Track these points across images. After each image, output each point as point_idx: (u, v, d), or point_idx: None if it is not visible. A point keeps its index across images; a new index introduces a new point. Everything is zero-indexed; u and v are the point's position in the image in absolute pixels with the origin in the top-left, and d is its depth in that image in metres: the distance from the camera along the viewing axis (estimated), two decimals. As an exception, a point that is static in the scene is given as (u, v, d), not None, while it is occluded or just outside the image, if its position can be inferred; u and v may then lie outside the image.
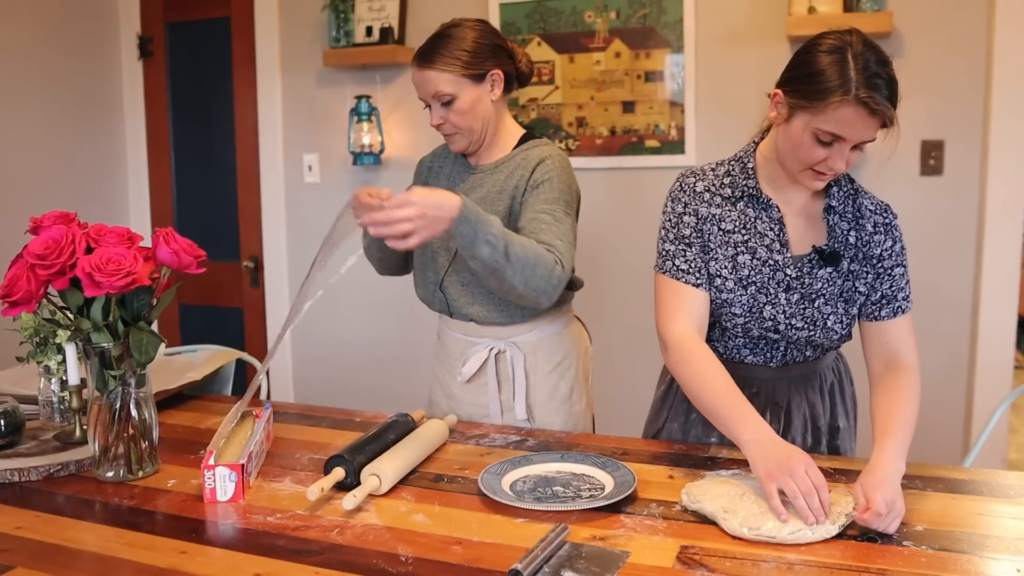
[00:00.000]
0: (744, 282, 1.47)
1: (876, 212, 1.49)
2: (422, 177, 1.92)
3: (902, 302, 1.48)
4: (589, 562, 1.11)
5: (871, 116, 1.32)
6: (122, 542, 1.21)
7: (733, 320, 1.49)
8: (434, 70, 1.70)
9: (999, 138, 2.51)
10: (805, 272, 1.46)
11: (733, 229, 1.47)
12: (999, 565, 1.09)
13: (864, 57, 1.33)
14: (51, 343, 1.64)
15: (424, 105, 1.76)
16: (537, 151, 1.76)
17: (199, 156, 3.65)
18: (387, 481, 1.36)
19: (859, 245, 1.47)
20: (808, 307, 1.47)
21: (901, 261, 1.48)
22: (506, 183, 1.75)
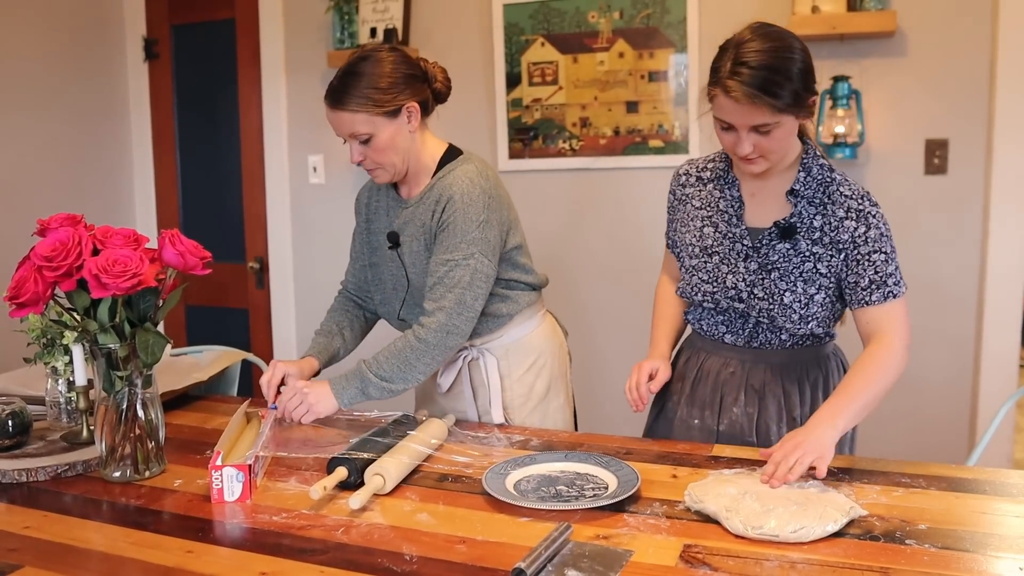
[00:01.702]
0: (708, 251, 1.63)
1: (851, 198, 1.52)
2: (363, 216, 1.89)
3: (893, 287, 1.51)
4: (592, 561, 1.12)
5: (740, 103, 1.43)
6: (129, 541, 1.22)
7: (702, 287, 1.63)
8: (347, 111, 1.64)
9: (1003, 137, 2.51)
10: (764, 243, 1.57)
11: (701, 206, 1.67)
12: (1002, 563, 1.09)
13: (740, 48, 1.45)
14: (58, 344, 1.65)
15: (343, 141, 1.71)
16: (448, 181, 1.71)
17: (204, 158, 3.67)
18: (391, 480, 1.36)
19: (825, 229, 1.52)
20: (765, 278, 1.56)
21: (880, 248, 1.51)
22: (424, 218, 1.74)
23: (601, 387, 2.91)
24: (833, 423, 1.38)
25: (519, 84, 3.02)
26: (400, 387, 1.68)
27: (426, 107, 1.73)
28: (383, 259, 1.84)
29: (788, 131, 1.48)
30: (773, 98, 1.41)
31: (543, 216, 2.98)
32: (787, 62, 1.43)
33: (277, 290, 3.54)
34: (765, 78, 1.41)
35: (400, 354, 1.67)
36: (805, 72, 1.45)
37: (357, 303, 1.96)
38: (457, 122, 3.16)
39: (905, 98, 2.61)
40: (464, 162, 1.75)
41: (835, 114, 2.60)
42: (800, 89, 1.44)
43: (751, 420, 1.62)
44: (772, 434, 1.60)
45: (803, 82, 1.44)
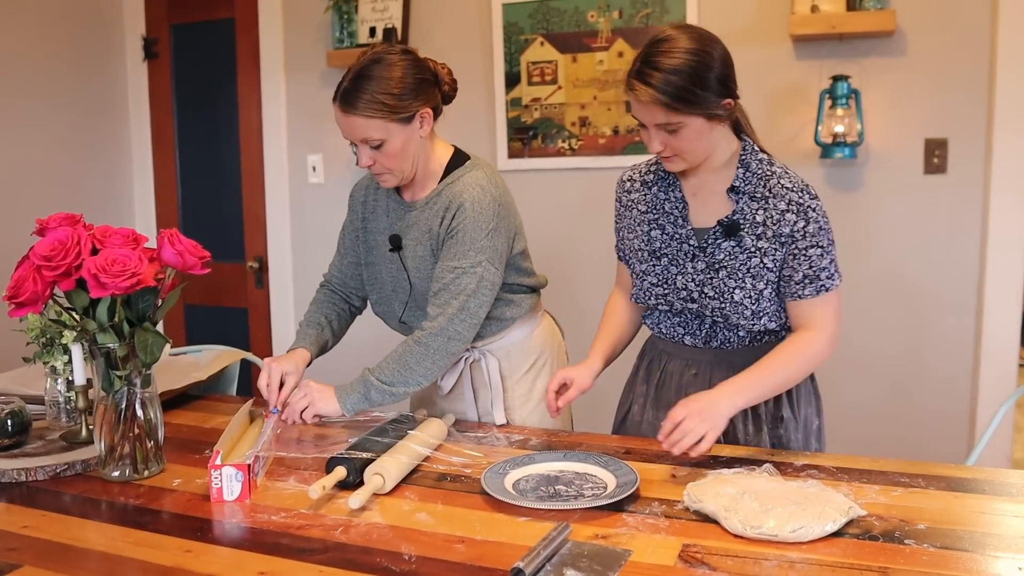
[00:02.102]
0: (657, 253, 1.64)
1: (792, 190, 1.52)
2: (358, 214, 1.86)
3: (826, 280, 1.53)
4: (591, 560, 1.12)
5: (641, 102, 1.46)
6: (128, 541, 1.22)
7: (654, 290, 1.65)
8: (360, 116, 1.61)
9: (1003, 136, 2.51)
10: (709, 243, 1.58)
11: (647, 209, 1.67)
12: (1001, 563, 1.10)
13: (652, 47, 1.47)
14: (57, 344, 1.65)
15: (349, 143, 1.68)
16: (458, 188, 1.70)
17: (204, 157, 3.67)
18: (391, 480, 1.36)
19: (768, 223, 1.53)
20: (714, 277, 1.57)
21: (817, 242, 1.51)
22: (432, 222, 1.72)
23: (598, 387, 2.91)
24: (734, 400, 1.45)
25: (518, 83, 3.02)
26: (401, 391, 1.68)
27: (437, 112, 1.71)
28: (381, 259, 1.83)
29: (697, 131, 1.49)
30: (672, 99, 1.43)
31: (542, 216, 2.98)
32: (693, 65, 1.44)
33: (276, 289, 3.54)
34: (667, 80, 1.43)
35: (401, 358, 1.67)
36: (715, 76, 1.45)
37: (342, 296, 1.96)
38: (456, 122, 3.16)
39: (904, 97, 2.61)
40: (473, 168, 1.74)
41: (834, 113, 2.60)
42: (706, 92, 1.45)
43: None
44: (739, 433, 1.61)
45: (711, 86, 1.45)
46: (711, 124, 1.50)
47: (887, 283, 2.69)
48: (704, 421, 1.40)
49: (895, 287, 2.68)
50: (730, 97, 1.50)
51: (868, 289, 2.71)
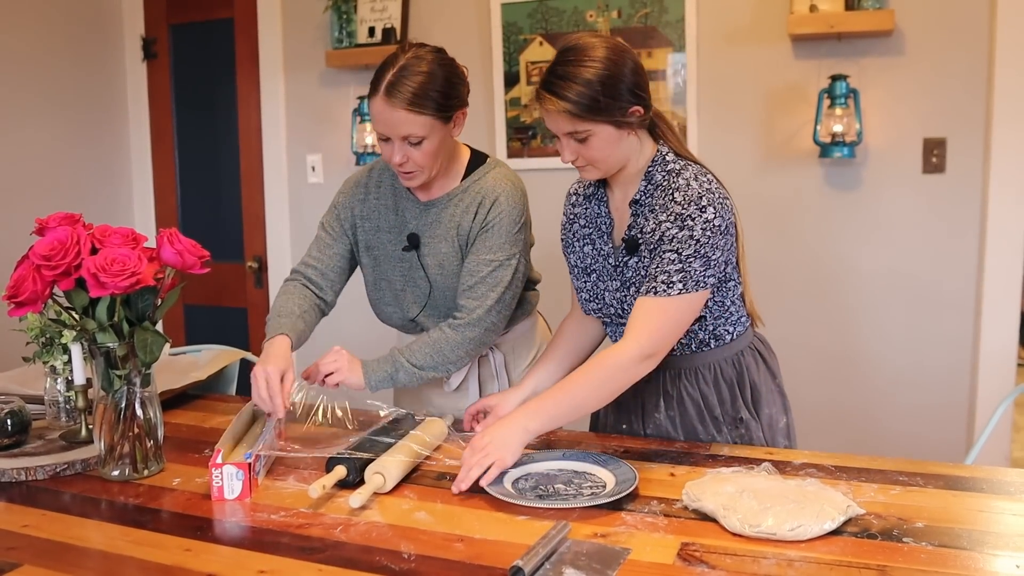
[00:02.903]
0: (588, 270, 1.63)
1: (680, 203, 1.46)
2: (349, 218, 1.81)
3: (659, 284, 1.44)
4: (590, 559, 1.12)
5: (548, 112, 1.46)
6: (128, 540, 1.22)
7: (588, 305, 1.64)
8: (407, 111, 1.57)
9: (1001, 135, 2.51)
10: (621, 261, 1.57)
11: (584, 224, 1.66)
12: (999, 561, 1.10)
13: (559, 55, 1.46)
14: (57, 343, 1.65)
15: (382, 138, 1.63)
16: (489, 183, 1.72)
17: (203, 157, 3.67)
18: (391, 480, 1.36)
19: (650, 232, 1.51)
20: (627, 295, 1.56)
21: (678, 248, 1.44)
22: (460, 219, 1.73)
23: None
24: (527, 426, 1.40)
25: (517, 83, 3.02)
26: (430, 375, 1.69)
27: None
28: (388, 259, 1.81)
29: (605, 140, 1.46)
30: (576, 107, 1.41)
31: (541, 215, 2.97)
32: (599, 74, 1.41)
33: (275, 289, 3.53)
34: (571, 88, 1.41)
35: (435, 344, 1.68)
36: (624, 84, 1.43)
37: (314, 292, 1.86)
38: (455, 121, 3.16)
39: (903, 97, 2.62)
40: (497, 165, 1.78)
41: (833, 113, 2.60)
42: (612, 100, 1.42)
43: (675, 423, 1.62)
44: (700, 434, 1.60)
45: (618, 94, 1.42)
46: (620, 132, 1.46)
47: (886, 282, 2.69)
48: (488, 456, 1.36)
49: (894, 286, 2.68)
50: (639, 105, 1.46)
51: (867, 288, 2.71)
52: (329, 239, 1.85)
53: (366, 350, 3.26)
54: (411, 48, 1.64)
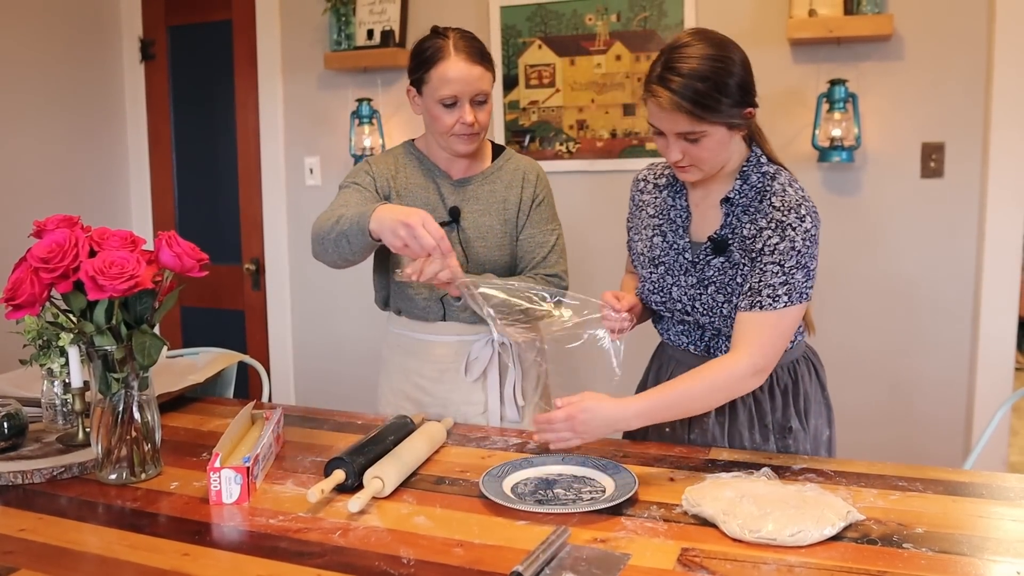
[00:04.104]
0: (656, 261, 1.62)
1: (779, 209, 1.46)
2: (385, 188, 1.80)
3: (764, 299, 1.44)
4: (590, 564, 1.12)
5: (664, 109, 1.42)
6: (125, 544, 1.22)
7: (652, 297, 1.63)
8: (484, 68, 1.72)
9: (999, 140, 2.51)
10: (701, 259, 1.55)
11: (654, 213, 1.65)
12: (999, 567, 1.10)
13: (673, 52, 1.43)
14: (54, 346, 1.65)
15: (447, 103, 1.71)
16: (524, 163, 1.87)
17: (201, 159, 3.66)
18: (390, 484, 1.36)
19: (749, 238, 1.50)
20: (703, 293, 1.55)
21: (780, 260, 1.44)
22: (505, 194, 1.83)
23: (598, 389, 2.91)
24: (631, 423, 1.43)
25: (516, 86, 3.02)
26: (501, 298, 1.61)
27: None
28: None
29: (718, 141, 1.45)
30: (697, 107, 1.39)
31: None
32: (718, 72, 1.40)
33: (273, 292, 3.53)
34: (691, 86, 1.39)
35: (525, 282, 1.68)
36: (738, 83, 1.42)
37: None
38: (454, 124, 3.16)
39: (902, 101, 2.62)
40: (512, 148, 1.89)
41: (832, 117, 2.60)
42: (730, 100, 1.41)
43: (723, 429, 1.60)
44: (745, 441, 1.59)
45: (734, 93, 1.41)
46: (731, 134, 1.46)
47: (884, 287, 2.69)
48: (577, 434, 1.40)
49: (892, 291, 2.69)
50: (751, 105, 1.46)
51: (865, 293, 2.71)
52: (368, 194, 1.78)
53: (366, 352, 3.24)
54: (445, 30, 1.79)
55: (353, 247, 1.59)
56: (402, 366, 1.91)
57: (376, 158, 1.87)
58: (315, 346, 3.50)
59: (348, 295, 3.41)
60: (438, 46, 1.73)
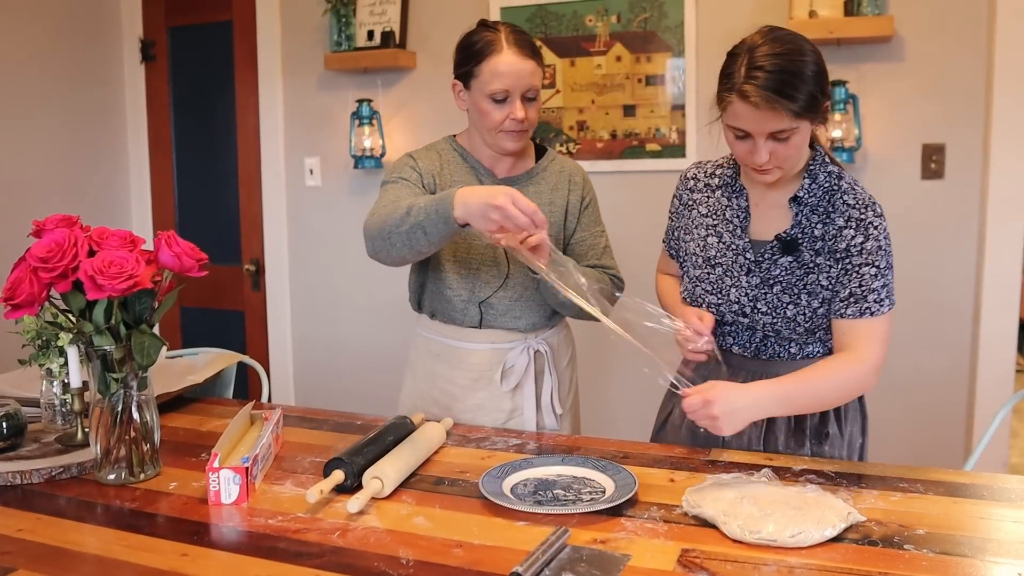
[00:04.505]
0: (712, 262, 1.60)
1: (854, 207, 1.48)
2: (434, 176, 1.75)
3: (872, 304, 1.46)
4: (590, 565, 1.11)
5: (759, 108, 1.37)
6: (123, 544, 1.21)
7: (706, 298, 1.60)
8: (536, 63, 1.69)
9: (1000, 142, 2.51)
10: (766, 258, 1.53)
11: (707, 213, 1.63)
12: (1000, 569, 1.09)
13: (754, 52, 1.40)
14: (53, 346, 1.64)
15: (498, 98, 1.67)
16: (569, 165, 1.86)
17: (201, 160, 3.66)
18: (389, 484, 1.36)
19: (826, 239, 1.49)
20: (768, 292, 1.53)
21: (873, 261, 1.46)
22: (551, 196, 1.80)
23: (599, 390, 2.91)
24: (768, 410, 1.42)
25: (516, 87, 3.02)
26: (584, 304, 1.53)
27: None
28: (467, 236, 1.72)
29: (804, 137, 1.43)
30: (791, 102, 1.36)
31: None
32: (806, 64, 1.38)
33: (273, 292, 3.53)
34: (783, 81, 1.36)
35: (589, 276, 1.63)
36: (819, 75, 1.40)
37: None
38: (454, 123, 3.15)
39: (902, 103, 2.62)
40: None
41: (832, 118, 2.60)
42: (816, 92, 1.39)
43: (760, 431, 1.59)
44: (780, 444, 1.58)
45: (818, 85, 1.40)
46: (811, 128, 1.44)
47: (884, 288, 2.69)
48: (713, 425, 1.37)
49: (892, 292, 2.68)
50: (829, 98, 1.44)
51: (865, 294, 2.71)
52: (416, 189, 1.72)
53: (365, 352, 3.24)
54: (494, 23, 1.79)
55: (431, 238, 1.51)
56: (431, 371, 1.85)
57: (419, 152, 1.81)
58: (314, 347, 3.50)
59: (348, 296, 3.41)
60: (489, 39, 1.68)
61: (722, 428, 1.37)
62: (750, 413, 1.39)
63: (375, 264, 1.79)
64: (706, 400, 1.37)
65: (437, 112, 3.16)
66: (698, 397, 1.38)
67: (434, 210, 1.48)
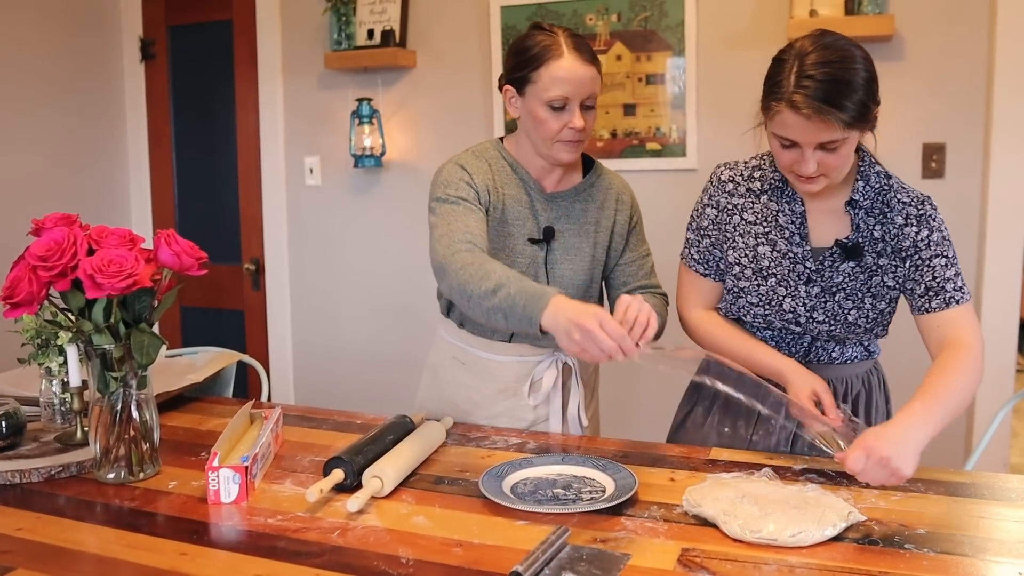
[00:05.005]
0: (763, 273, 1.51)
1: (909, 204, 1.46)
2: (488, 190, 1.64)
3: (953, 292, 1.44)
4: (590, 564, 1.11)
5: (810, 119, 1.32)
6: (123, 543, 1.21)
7: (751, 310, 1.53)
8: (596, 69, 1.58)
9: (1001, 141, 2.51)
10: (826, 265, 1.48)
11: (755, 220, 1.53)
12: (1001, 568, 1.09)
13: (804, 59, 1.34)
14: (52, 345, 1.64)
15: (556, 106, 1.57)
16: (618, 183, 1.77)
17: (200, 158, 3.66)
18: (389, 483, 1.35)
19: (887, 239, 1.46)
20: (829, 300, 1.48)
21: (942, 252, 1.44)
22: (598, 215, 1.71)
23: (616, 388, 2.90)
24: (928, 433, 1.25)
25: (517, 86, 3.02)
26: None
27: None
28: (509, 251, 1.67)
29: (852, 146, 1.38)
30: (842, 111, 1.31)
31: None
32: (857, 73, 1.33)
33: (273, 292, 3.53)
34: (834, 91, 1.31)
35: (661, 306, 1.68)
36: (870, 82, 1.35)
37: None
38: (454, 123, 3.16)
39: (903, 102, 2.61)
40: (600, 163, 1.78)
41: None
42: (867, 100, 1.34)
43: (789, 434, 1.58)
44: (806, 446, 1.54)
45: (869, 93, 1.34)
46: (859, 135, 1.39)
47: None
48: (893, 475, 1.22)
49: (893, 291, 2.68)
50: (879, 103, 1.38)
51: (866, 293, 2.70)
52: (475, 207, 1.62)
53: (365, 352, 3.23)
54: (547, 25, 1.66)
55: (509, 324, 1.44)
56: (454, 377, 1.80)
57: (468, 161, 1.67)
58: (314, 346, 3.50)
59: (348, 295, 3.41)
60: (547, 43, 1.58)
61: (905, 473, 1.23)
62: (919, 445, 1.24)
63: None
64: (881, 458, 1.21)
65: (437, 111, 3.16)
66: (861, 456, 1.22)
67: (521, 306, 1.39)
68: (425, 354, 1.94)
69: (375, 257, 3.31)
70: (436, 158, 3.18)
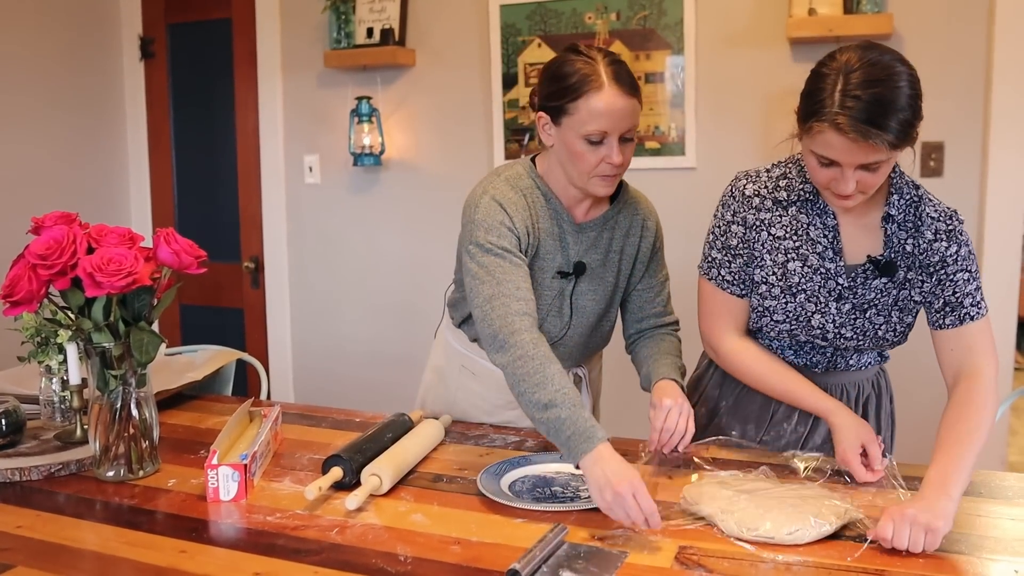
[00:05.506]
0: (793, 289, 1.45)
1: (939, 219, 1.41)
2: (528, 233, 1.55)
3: (970, 308, 1.40)
4: (587, 562, 1.12)
5: (855, 142, 1.25)
6: (122, 541, 1.22)
7: (776, 327, 1.49)
8: (637, 100, 1.48)
9: (999, 140, 2.51)
10: (859, 282, 1.44)
11: (784, 235, 1.46)
12: (997, 566, 1.10)
13: (849, 77, 1.27)
14: (52, 343, 1.65)
15: (594, 140, 1.47)
16: (644, 209, 1.68)
17: (200, 157, 3.66)
18: (387, 481, 1.36)
19: (916, 253, 1.42)
20: (859, 317, 1.45)
21: (966, 267, 1.40)
22: (623, 243, 1.65)
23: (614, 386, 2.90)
24: (956, 496, 1.18)
25: (515, 85, 3.02)
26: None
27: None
28: (538, 285, 1.60)
29: (892, 165, 1.33)
30: (888, 133, 1.24)
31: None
32: (898, 93, 1.25)
33: (272, 290, 3.53)
34: (880, 112, 1.23)
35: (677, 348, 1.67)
36: (915, 99, 1.27)
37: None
38: (453, 122, 3.16)
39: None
40: (627, 184, 1.68)
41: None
42: (912, 119, 1.27)
43: (799, 438, 1.58)
44: (816, 450, 1.54)
45: (914, 111, 1.27)
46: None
47: (883, 286, 2.69)
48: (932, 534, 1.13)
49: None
50: (922, 119, 1.30)
51: (864, 292, 2.71)
52: (520, 262, 1.53)
53: (364, 350, 3.23)
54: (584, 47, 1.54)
55: (548, 438, 1.38)
56: (462, 384, 1.78)
57: (508, 200, 1.55)
58: (314, 344, 3.50)
59: (347, 293, 3.41)
60: (586, 73, 1.45)
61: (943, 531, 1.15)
62: (954, 504, 1.17)
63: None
64: (929, 528, 1.13)
65: (436, 109, 3.16)
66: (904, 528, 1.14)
67: (566, 437, 1.33)
68: (424, 352, 1.94)
69: (374, 255, 3.31)
70: (435, 156, 3.19)
